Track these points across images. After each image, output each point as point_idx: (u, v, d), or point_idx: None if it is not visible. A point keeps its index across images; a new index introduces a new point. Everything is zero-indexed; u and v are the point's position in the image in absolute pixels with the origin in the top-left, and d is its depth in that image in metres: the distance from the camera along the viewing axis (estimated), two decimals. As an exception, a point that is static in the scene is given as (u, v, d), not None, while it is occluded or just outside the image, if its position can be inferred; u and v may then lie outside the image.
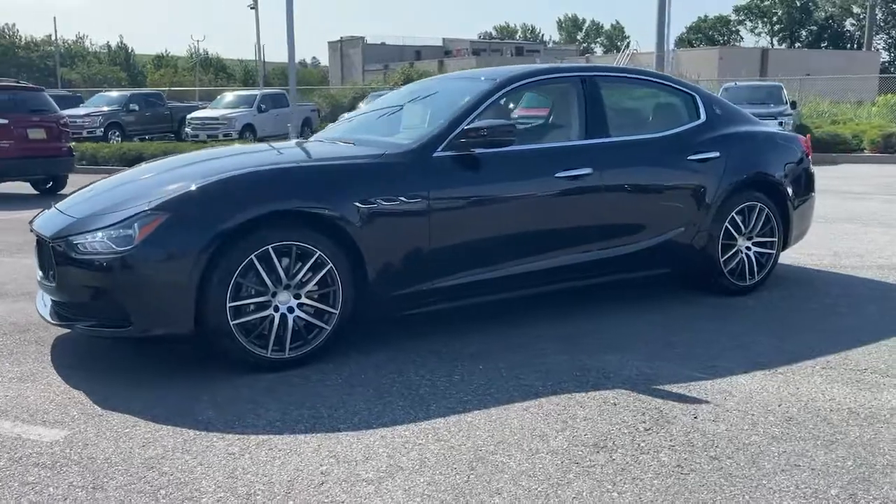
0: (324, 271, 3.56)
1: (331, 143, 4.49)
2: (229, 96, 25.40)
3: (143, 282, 3.29)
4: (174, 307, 3.30)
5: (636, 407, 3.13)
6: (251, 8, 31.15)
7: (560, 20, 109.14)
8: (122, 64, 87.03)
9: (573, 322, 4.32)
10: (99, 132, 21.44)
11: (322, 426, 2.94)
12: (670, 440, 2.82)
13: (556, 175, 4.19)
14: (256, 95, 24.51)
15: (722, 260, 4.80)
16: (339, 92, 32.88)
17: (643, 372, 3.54)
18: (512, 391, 3.29)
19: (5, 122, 10.53)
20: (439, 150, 3.94)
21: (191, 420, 3.00)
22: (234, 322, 3.37)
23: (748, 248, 4.93)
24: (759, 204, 4.90)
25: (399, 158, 3.89)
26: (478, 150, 4.00)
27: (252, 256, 3.38)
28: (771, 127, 5.47)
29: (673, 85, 5.05)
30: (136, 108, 23.37)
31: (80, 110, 22.31)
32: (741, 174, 4.86)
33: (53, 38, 70.62)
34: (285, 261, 3.48)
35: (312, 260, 3.52)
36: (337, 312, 3.62)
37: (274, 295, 3.48)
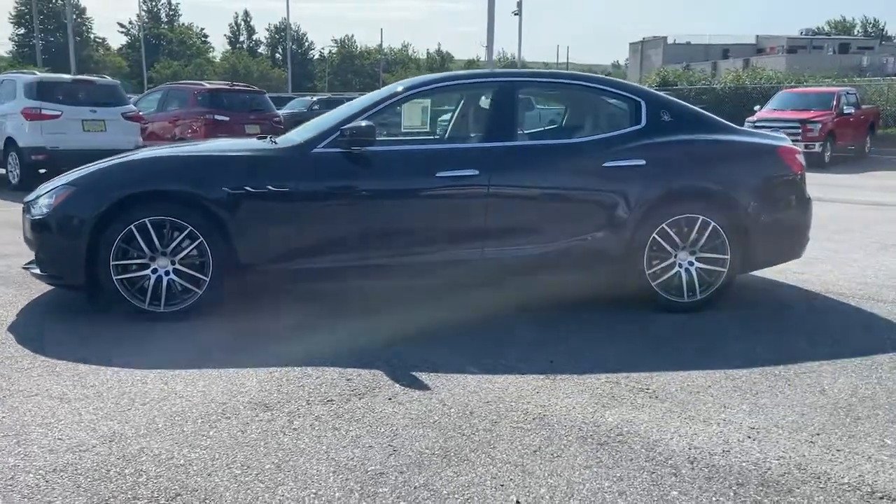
0: (195, 244, 4.29)
1: (248, 139, 5.12)
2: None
3: (52, 239, 4.32)
4: (72, 261, 4.27)
5: (357, 381, 3.42)
6: (515, 14, 32.50)
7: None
8: (436, 69, 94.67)
9: (461, 317, 4.52)
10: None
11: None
12: (346, 409, 3.11)
13: (438, 175, 4.45)
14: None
15: (649, 272, 4.62)
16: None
17: (428, 360, 3.75)
18: (271, 359, 3.73)
19: (226, 119, 12.73)
20: (320, 146, 4.44)
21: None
22: (117, 277, 4.25)
23: (690, 264, 4.66)
24: (702, 217, 4.61)
25: (282, 153, 4.48)
26: (362, 149, 4.43)
27: (132, 226, 4.22)
28: (748, 136, 4.99)
29: (614, 90, 4.92)
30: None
31: (285, 110, 23.41)
32: (672, 184, 4.63)
33: (380, 47, 78.85)
34: (163, 232, 4.27)
35: (185, 234, 4.27)
36: (208, 279, 4.33)
37: (153, 259, 4.29)
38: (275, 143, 4.65)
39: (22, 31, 68.55)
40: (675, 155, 4.67)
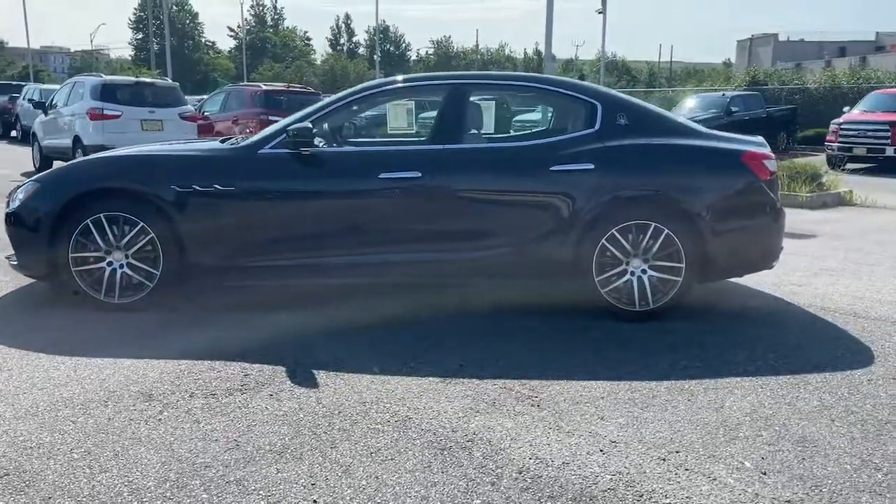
0: (146, 239, 4.50)
1: (213, 141, 5.27)
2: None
3: (20, 232, 4.62)
4: (36, 252, 4.56)
5: (254, 376, 3.51)
6: (598, 13, 31.85)
7: None
8: (533, 71, 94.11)
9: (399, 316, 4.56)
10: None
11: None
12: (222, 403, 3.22)
13: (380, 176, 4.49)
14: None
15: (598, 279, 4.52)
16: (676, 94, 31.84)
17: (339, 359, 3.81)
18: (191, 350, 3.87)
19: (280, 118, 13.14)
20: (267, 147, 4.58)
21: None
22: (75, 269, 4.51)
23: (643, 272, 4.53)
24: (655, 224, 4.46)
25: (232, 153, 4.64)
26: (310, 150, 4.53)
27: (88, 221, 4.47)
28: (712, 141, 4.77)
29: (570, 93, 4.82)
30: None
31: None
32: (622, 189, 4.50)
33: (477, 47, 79.10)
34: (117, 227, 4.51)
35: (136, 229, 4.49)
36: (158, 273, 4.53)
37: (108, 252, 4.53)
38: (234, 144, 4.81)
39: (140, 35, 72.68)
40: (627, 159, 4.54)
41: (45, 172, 4.76)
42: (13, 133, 22.22)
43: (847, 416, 3.20)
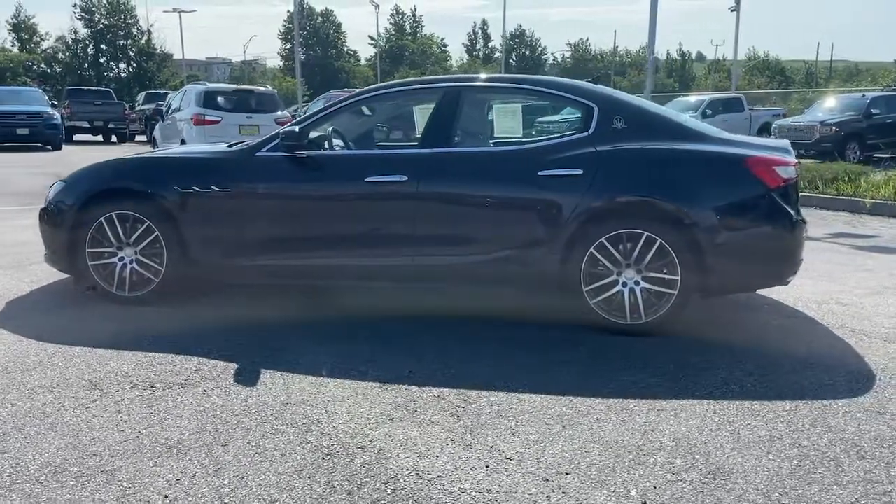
0: (152, 237, 4.76)
1: (220, 144, 5.42)
2: (681, 101, 25.57)
3: (48, 227, 5.01)
4: (59, 247, 4.93)
5: (203, 371, 3.63)
6: (732, 10, 30.22)
7: None
8: (676, 72, 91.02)
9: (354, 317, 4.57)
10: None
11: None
12: (155, 396, 3.37)
13: (366, 179, 4.52)
14: (704, 100, 24.14)
15: (587, 289, 4.33)
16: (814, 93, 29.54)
17: (294, 360, 3.87)
18: (163, 344, 4.05)
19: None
20: (264, 150, 4.71)
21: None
22: (91, 263, 4.84)
23: (636, 283, 4.30)
24: (647, 233, 4.22)
25: (231, 156, 4.81)
26: (305, 153, 4.64)
27: (101, 219, 4.79)
28: (717, 145, 4.41)
29: (567, 95, 4.62)
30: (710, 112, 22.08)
31: None
32: (614, 196, 4.29)
33: (615, 49, 77.66)
34: (128, 225, 4.79)
35: (143, 227, 4.76)
36: (163, 270, 4.78)
37: (120, 248, 4.83)
38: (236, 147, 4.99)
39: (288, 46, 76.54)
40: (618, 164, 4.31)
41: (71, 173, 5.13)
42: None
43: (789, 449, 2.89)
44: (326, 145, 4.94)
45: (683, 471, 2.71)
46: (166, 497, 2.49)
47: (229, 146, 5.06)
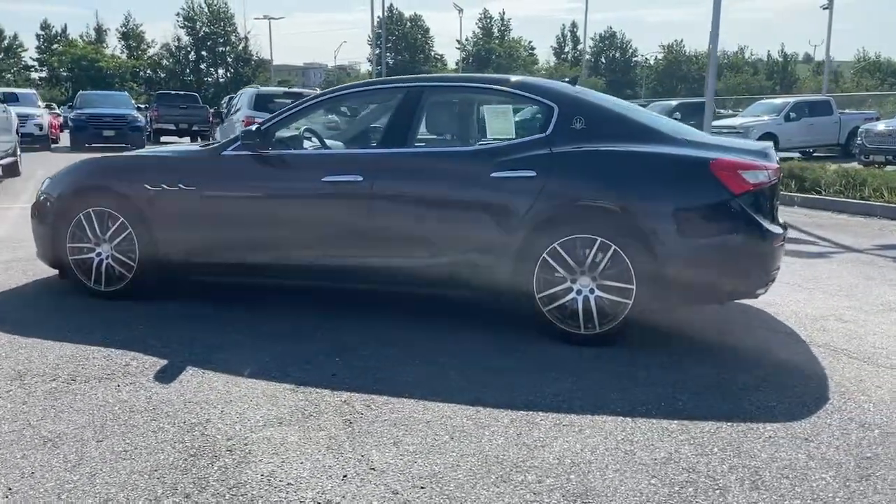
0: (125, 233, 4.87)
1: (193, 145, 5.52)
2: (764, 103, 24.48)
3: (35, 223, 5.20)
4: (44, 242, 5.12)
5: (133, 366, 3.68)
6: (824, 8, 28.64)
7: None
8: (778, 74, 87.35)
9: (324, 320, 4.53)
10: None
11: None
12: (67, 389, 3.44)
13: (323, 179, 4.48)
14: (789, 103, 23.02)
15: (539, 296, 4.16)
16: None
17: (226, 358, 3.87)
18: (113, 338, 4.12)
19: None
20: (230, 149, 4.75)
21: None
22: (71, 258, 5.00)
23: (591, 291, 4.10)
24: (601, 239, 4.02)
25: (199, 155, 4.87)
26: (265, 152, 4.66)
27: (80, 215, 4.94)
28: (681, 148, 4.13)
29: (528, 95, 4.44)
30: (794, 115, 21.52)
31: None
32: (565, 199, 4.10)
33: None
34: (104, 222, 4.92)
35: (117, 224, 4.88)
36: (135, 266, 4.89)
37: (98, 244, 4.96)
38: (208, 146, 5.05)
39: (377, 51, 77.89)
40: (572, 167, 4.12)
41: (58, 170, 5.32)
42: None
43: (678, 474, 2.67)
44: (296, 145, 4.93)
45: (547, 491, 2.53)
46: (10, 490, 2.51)
47: (202, 146, 5.13)
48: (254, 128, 4.60)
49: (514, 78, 4.59)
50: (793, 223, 9.00)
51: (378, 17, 57.73)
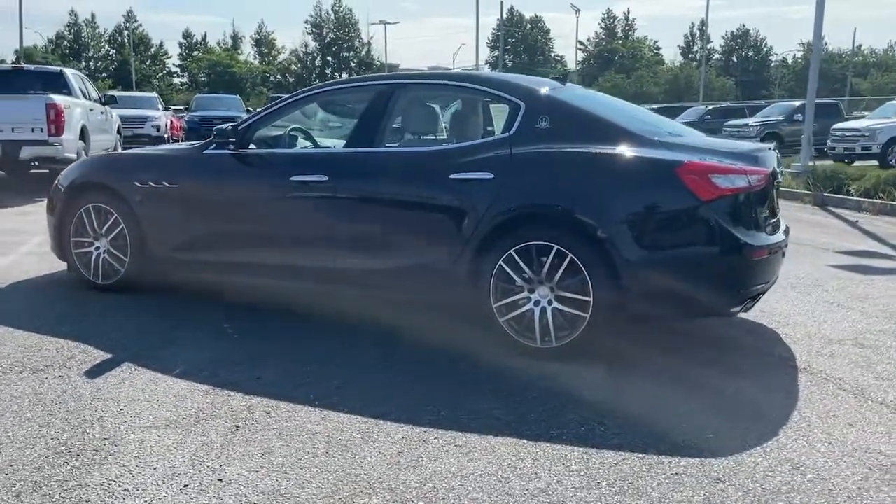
0: (118, 229, 5.01)
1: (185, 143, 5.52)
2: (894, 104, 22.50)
3: (48, 217, 5.44)
4: (54, 235, 5.34)
5: (88, 360, 3.75)
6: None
7: None
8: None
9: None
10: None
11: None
12: (12, 378, 3.55)
13: (291, 178, 4.42)
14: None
15: (496, 305, 3.93)
16: None
17: (174, 357, 3.88)
18: (88, 332, 4.22)
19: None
20: (211, 147, 4.78)
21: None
22: (74, 251, 5.21)
23: (549, 302, 3.83)
24: (557, 247, 3.74)
25: (184, 153, 4.94)
26: (244, 151, 4.66)
27: (81, 210, 5.13)
28: (650, 150, 3.74)
29: (496, 93, 4.19)
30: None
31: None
32: (521, 203, 3.84)
33: (857, 48, 70.67)
34: (101, 217, 5.08)
35: (112, 219, 5.02)
36: (127, 260, 5.01)
37: (97, 239, 5.13)
38: (195, 144, 5.11)
39: (496, 53, 77.94)
40: (529, 169, 3.84)
41: (68, 167, 5.54)
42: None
43: (523, 499, 2.39)
44: (280, 144, 4.90)
45: (377, 518, 2.33)
46: None
47: (191, 144, 5.19)
48: (228, 126, 4.59)
49: (483, 74, 4.36)
50: (882, 235, 8.18)
51: (498, 19, 57.63)
